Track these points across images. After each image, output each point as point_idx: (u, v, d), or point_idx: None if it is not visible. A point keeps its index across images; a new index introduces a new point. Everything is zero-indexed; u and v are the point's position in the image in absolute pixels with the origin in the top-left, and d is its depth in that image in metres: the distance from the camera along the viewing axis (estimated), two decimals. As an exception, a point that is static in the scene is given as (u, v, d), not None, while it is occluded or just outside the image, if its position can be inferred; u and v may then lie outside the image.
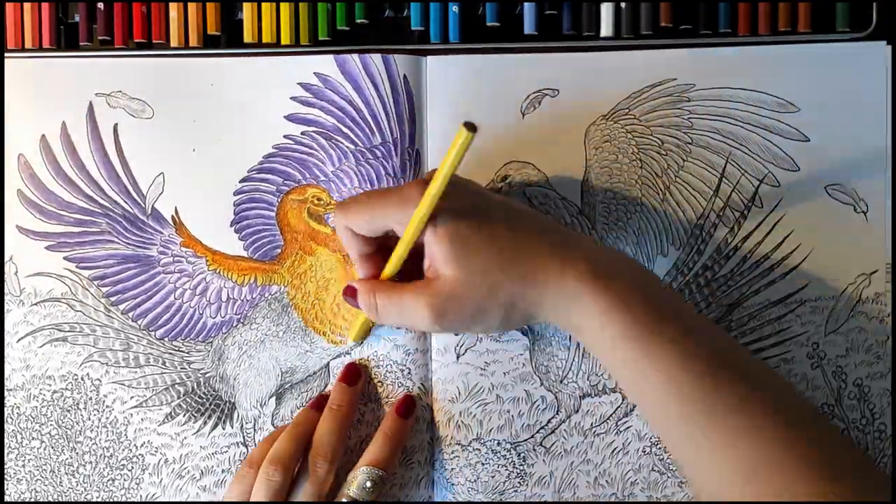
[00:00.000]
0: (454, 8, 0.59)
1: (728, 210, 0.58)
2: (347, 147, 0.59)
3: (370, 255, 0.53)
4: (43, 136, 0.59)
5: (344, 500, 0.55)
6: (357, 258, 0.54)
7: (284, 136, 0.59)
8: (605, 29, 0.59)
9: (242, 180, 0.59)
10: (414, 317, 0.51)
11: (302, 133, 0.59)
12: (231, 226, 0.59)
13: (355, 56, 0.59)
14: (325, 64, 0.59)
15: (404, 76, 0.59)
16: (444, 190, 0.47)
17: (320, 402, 0.58)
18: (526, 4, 0.59)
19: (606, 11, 0.59)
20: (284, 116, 0.59)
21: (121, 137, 0.59)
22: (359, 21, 0.59)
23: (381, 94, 0.59)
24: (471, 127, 0.43)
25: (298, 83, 0.59)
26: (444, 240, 0.48)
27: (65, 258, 0.59)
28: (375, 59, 0.59)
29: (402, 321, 0.53)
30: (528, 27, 0.59)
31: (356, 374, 0.58)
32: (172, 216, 0.59)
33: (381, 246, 0.53)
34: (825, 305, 0.58)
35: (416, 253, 0.51)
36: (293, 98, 0.59)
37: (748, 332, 0.58)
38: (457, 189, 0.48)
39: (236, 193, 0.59)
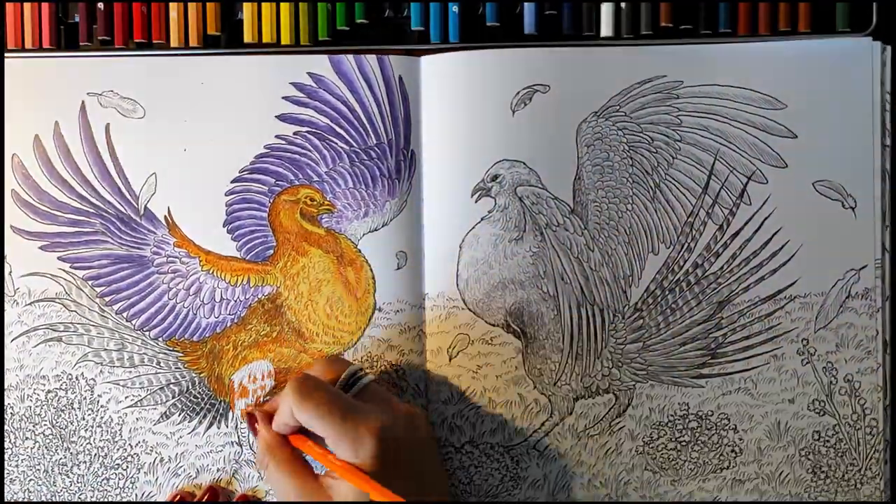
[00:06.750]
0: (454, 8, 0.59)
1: (717, 207, 0.59)
2: (342, 148, 0.59)
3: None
4: (36, 136, 0.59)
5: None
6: (281, 422, 0.54)
7: (276, 136, 0.59)
8: (606, 29, 0.59)
9: (234, 180, 0.59)
10: (280, 494, 0.53)
11: (295, 133, 0.59)
12: (224, 226, 0.59)
13: (350, 56, 0.59)
14: (320, 64, 0.59)
15: (399, 77, 0.59)
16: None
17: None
18: (526, 4, 0.59)
19: (606, 11, 0.59)
20: (276, 116, 0.59)
21: (112, 137, 0.59)
22: (359, 21, 0.60)
23: (376, 95, 0.59)
24: None
25: (291, 83, 0.59)
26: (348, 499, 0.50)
27: (59, 258, 0.59)
28: (370, 60, 0.59)
29: (274, 492, 0.57)
30: (528, 27, 0.59)
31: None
32: (165, 216, 0.60)
33: None
34: (815, 301, 0.58)
35: None
36: (285, 98, 0.59)
37: (738, 329, 0.59)
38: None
39: (228, 194, 0.59)
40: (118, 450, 0.59)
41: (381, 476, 0.49)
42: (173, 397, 0.60)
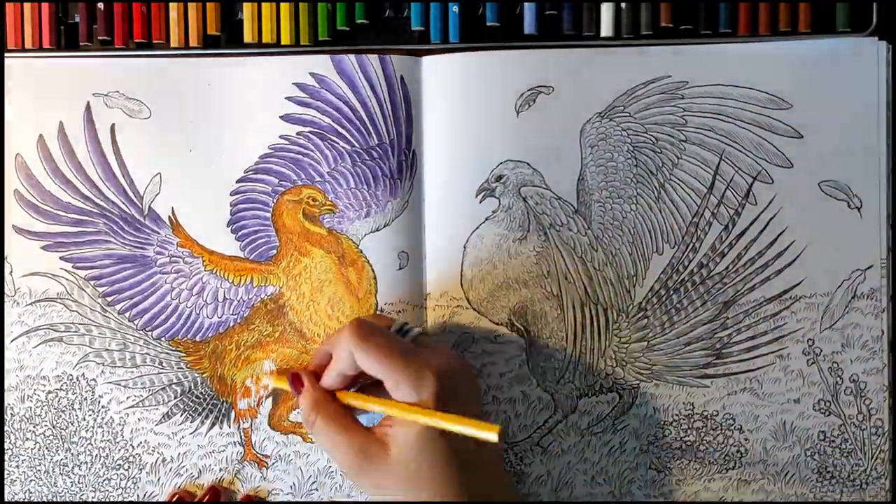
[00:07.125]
0: (454, 8, 0.59)
1: (722, 207, 0.59)
2: (343, 147, 0.59)
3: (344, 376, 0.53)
4: (41, 136, 0.59)
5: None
6: (335, 373, 0.52)
7: (280, 137, 0.59)
8: (606, 29, 0.59)
9: (239, 181, 0.59)
10: (336, 459, 0.51)
11: (298, 133, 0.59)
12: (227, 226, 0.59)
13: (352, 56, 0.59)
14: (322, 64, 0.59)
15: (401, 77, 0.59)
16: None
17: None
18: (526, 4, 0.59)
19: (606, 11, 0.59)
20: (280, 116, 0.59)
21: (118, 138, 0.59)
22: (359, 21, 0.60)
23: (378, 95, 0.59)
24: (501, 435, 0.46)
25: (294, 83, 0.59)
26: (411, 446, 0.49)
27: (61, 258, 0.59)
28: (372, 60, 0.59)
29: (325, 450, 0.55)
30: (529, 27, 0.59)
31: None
32: (169, 216, 0.59)
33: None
34: (820, 302, 0.58)
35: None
36: (289, 98, 0.59)
37: (743, 329, 0.59)
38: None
39: (232, 194, 0.59)
40: (119, 450, 0.59)
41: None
42: (175, 397, 0.59)
